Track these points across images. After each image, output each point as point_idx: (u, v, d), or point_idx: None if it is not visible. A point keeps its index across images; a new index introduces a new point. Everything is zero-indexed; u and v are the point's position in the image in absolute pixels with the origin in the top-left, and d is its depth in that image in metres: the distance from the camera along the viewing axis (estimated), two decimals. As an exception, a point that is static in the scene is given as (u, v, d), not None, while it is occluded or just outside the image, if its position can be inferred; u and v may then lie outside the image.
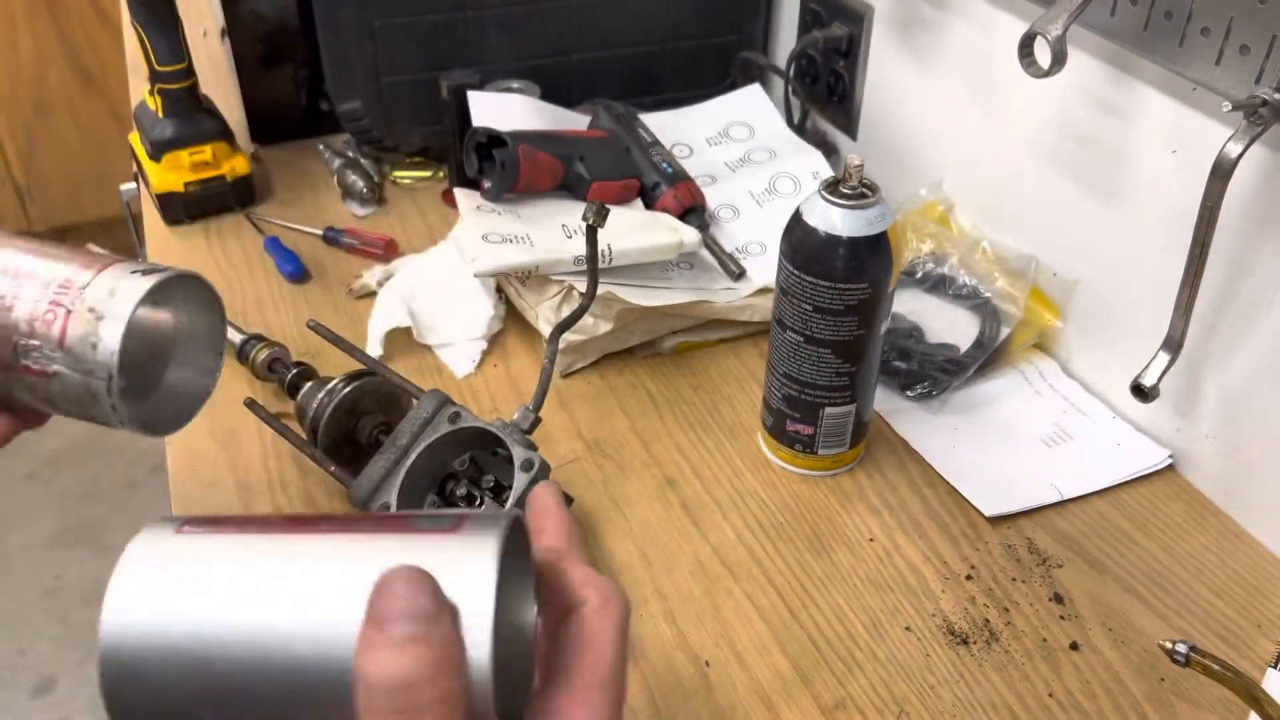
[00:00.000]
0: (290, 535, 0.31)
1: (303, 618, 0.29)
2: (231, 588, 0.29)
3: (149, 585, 0.30)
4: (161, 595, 0.30)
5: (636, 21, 1.03)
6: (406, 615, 0.28)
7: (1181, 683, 0.59)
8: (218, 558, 0.30)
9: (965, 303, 0.83)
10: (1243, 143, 0.57)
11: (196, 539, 0.31)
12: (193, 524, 0.31)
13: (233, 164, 0.96)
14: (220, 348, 0.55)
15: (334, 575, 0.29)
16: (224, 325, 0.55)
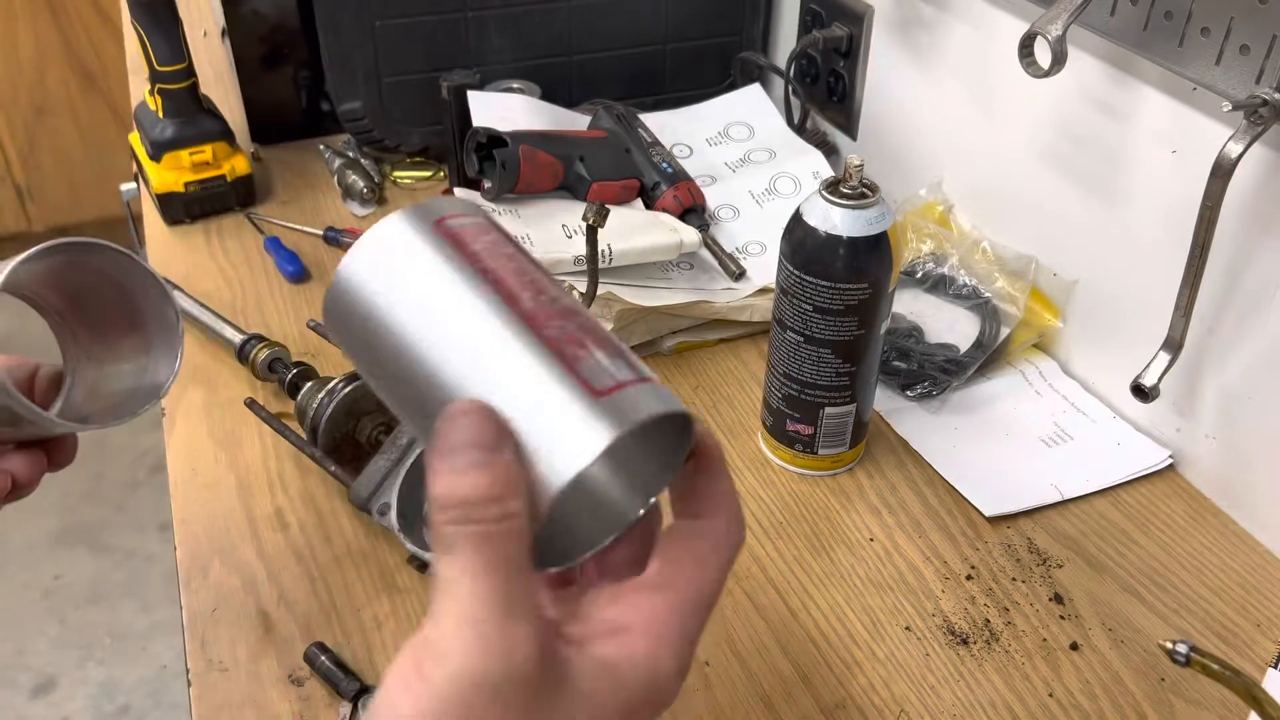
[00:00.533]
0: (493, 304, 0.33)
1: (442, 364, 0.33)
2: (422, 305, 0.34)
3: (383, 256, 0.35)
4: (384, 269, 0.35)
5: (637, 22, 1.03)
6: (468, 444, 0.31)
7: (1181, 683, 0.59)
8: (434, 276, 0.34)
9: (965, 303, 0.83)
10: (1243, 143, 0.58)
11: (439, 247, 0.35)
12: (446, 230, 0.35)
13: (233, 164, 0.96)
14: (169, 326, 0.53)
15: (478, 356, 0.33)
16: (168, 304, 0.53)
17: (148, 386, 0.54)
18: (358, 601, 0.62)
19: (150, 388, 0.54)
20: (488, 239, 0.35)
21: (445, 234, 0.35)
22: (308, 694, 0.57)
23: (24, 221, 2.38)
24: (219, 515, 0.68)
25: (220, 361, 0.80)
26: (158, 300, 0.53)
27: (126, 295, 0.53)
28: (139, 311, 0.54)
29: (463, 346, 0.33)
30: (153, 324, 0.54)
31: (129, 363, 0.55)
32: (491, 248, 0.35)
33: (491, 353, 0.32)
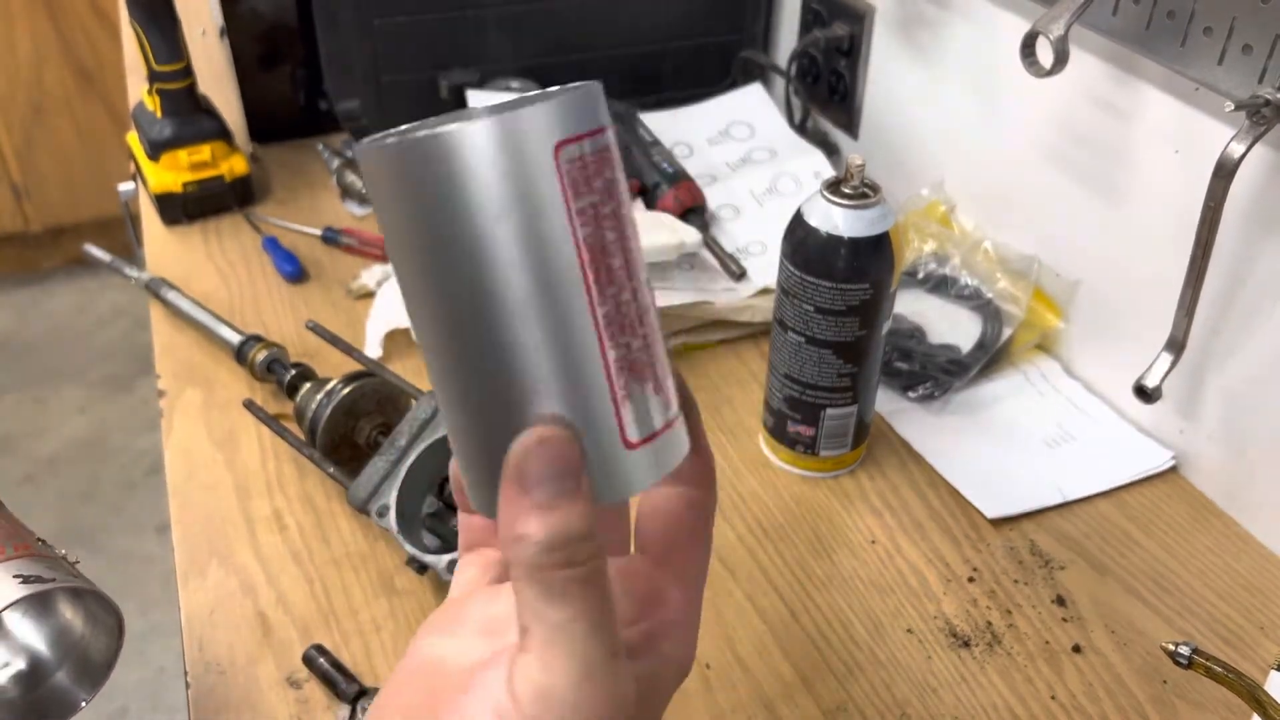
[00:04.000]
0: (578, 297, 0.29)
1: (501, 332, 0.28)
2: (506, 252, 0.28)
3: (488, 162, 0.27)
4: (477, 181, 0.27)
5: (637, 21, 1.03)
6: (555, 475, 0.29)
7: (1184, 685, 0.58)
8: (525, 229, 0.28)
9: (967, 303, 0.83)
10: (1245, 143, 0.57)
11: (547, 185, 0.28)
12: (563, 167, 0.28)
13: (231, 164, 0.96)
14: (108, 668, 0.53)
15: (542, 352, 0.29)
16: (118, 646, 0.53)
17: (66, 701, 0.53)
18: (356, 603, 0.62)
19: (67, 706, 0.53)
20: (601, 182, 0.29)
21: (562, 172, 0.28)
22: (306, 696, 0.57)
23: (21, 222, 2.38)
24: (217, 517, 0.68)
25: (218, 362, 0.80)
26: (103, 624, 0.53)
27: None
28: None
29: (531, 331, 0.28)
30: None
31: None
32: (599, 202, 0.29)
33: (554, 356, 0.29)
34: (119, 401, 2.16)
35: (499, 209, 0.27)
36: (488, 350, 0.29)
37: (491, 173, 0.27)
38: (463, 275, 0.28)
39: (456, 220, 0.27)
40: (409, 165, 0.27)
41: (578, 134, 0.28)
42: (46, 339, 2.33)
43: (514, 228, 0.28)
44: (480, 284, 0.28)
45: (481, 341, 0.29)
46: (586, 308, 0.29)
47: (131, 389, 2.19)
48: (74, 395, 2.17)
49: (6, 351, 2.29)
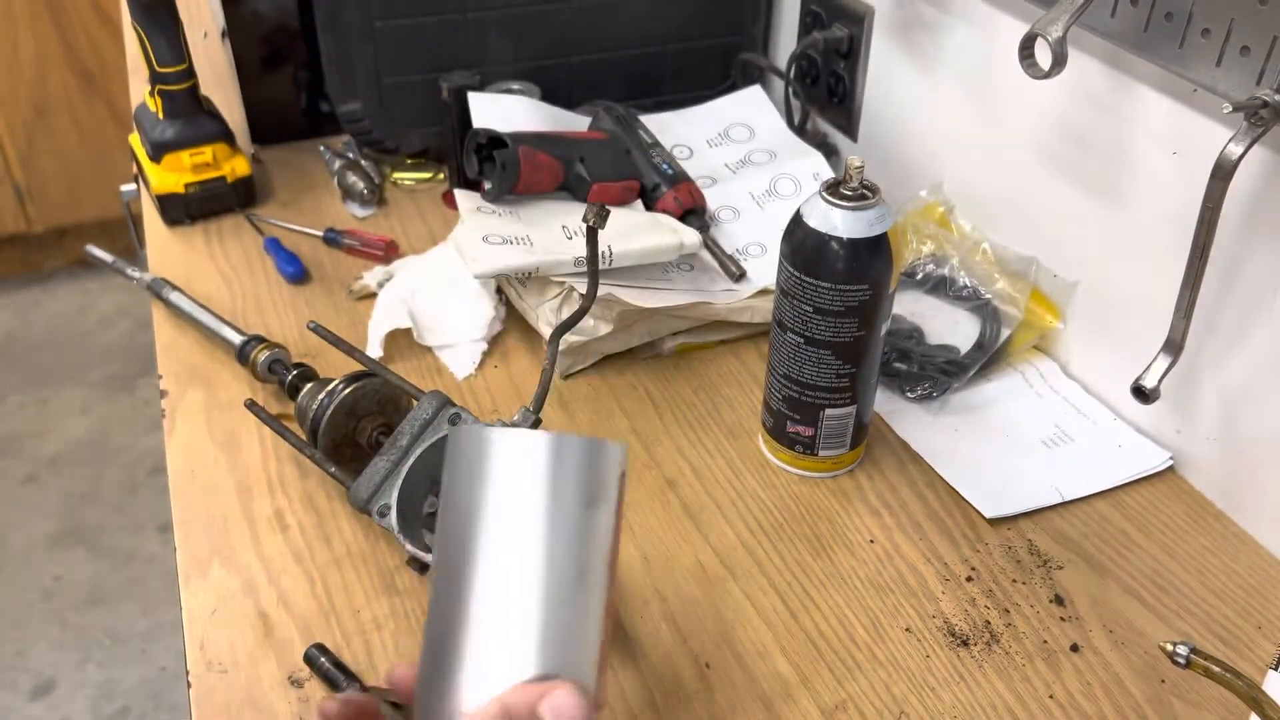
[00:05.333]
0: (603, 585, 0.40)
1: (544, 594, 0.37)
2: (577, 532, 0.39)
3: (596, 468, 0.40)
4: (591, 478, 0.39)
5: (637, 23, 1.03)
6: (560, 716, 0.35)
7: (1182, 684, 0.59)
8: (597, 525, 0.39)
9: (966, 304, 0.83)
10: (1243, 144, 0.57)
11: (612, 497, 0.40)
12: (619, 488, 0.40)
13: (233, 165, 0.96)
14: None
15: (573, 619, 0.38)
16: None
17: None
18: (357, 603, 0.62)
19: None
20: (619, 505, 0.40)
21: (621, 489, 0.40)
22: (307, 695, 0.57)
23: (23, 223, 2.38)
24: (219, 516, 0.68)
25: (220, 363, 0.80)
26: None
27: None
28: None
29: (582, 607, 0.37)
30: None
31: None
32: (619, 518, 0.40)
33: (590, 626, 0.37)
34: (121, 402, 2.16)
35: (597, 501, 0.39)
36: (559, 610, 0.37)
37: (604, 481, 0.39)
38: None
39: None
40: (560, 456, 0.38)
41: (624, 469, 0.41)
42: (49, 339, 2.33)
43: (602, 522, 0.38)
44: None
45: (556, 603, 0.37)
46: (605, 585, 0.39)
47: (133, 389, 2.19)
48: (76, 396, 2.17)
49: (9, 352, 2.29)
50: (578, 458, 0.38)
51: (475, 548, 0.37)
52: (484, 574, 0.37)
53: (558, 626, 0.37)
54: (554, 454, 0.38)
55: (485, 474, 0.38)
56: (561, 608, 0.37)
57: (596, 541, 0.38)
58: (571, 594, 0.37)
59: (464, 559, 0.37)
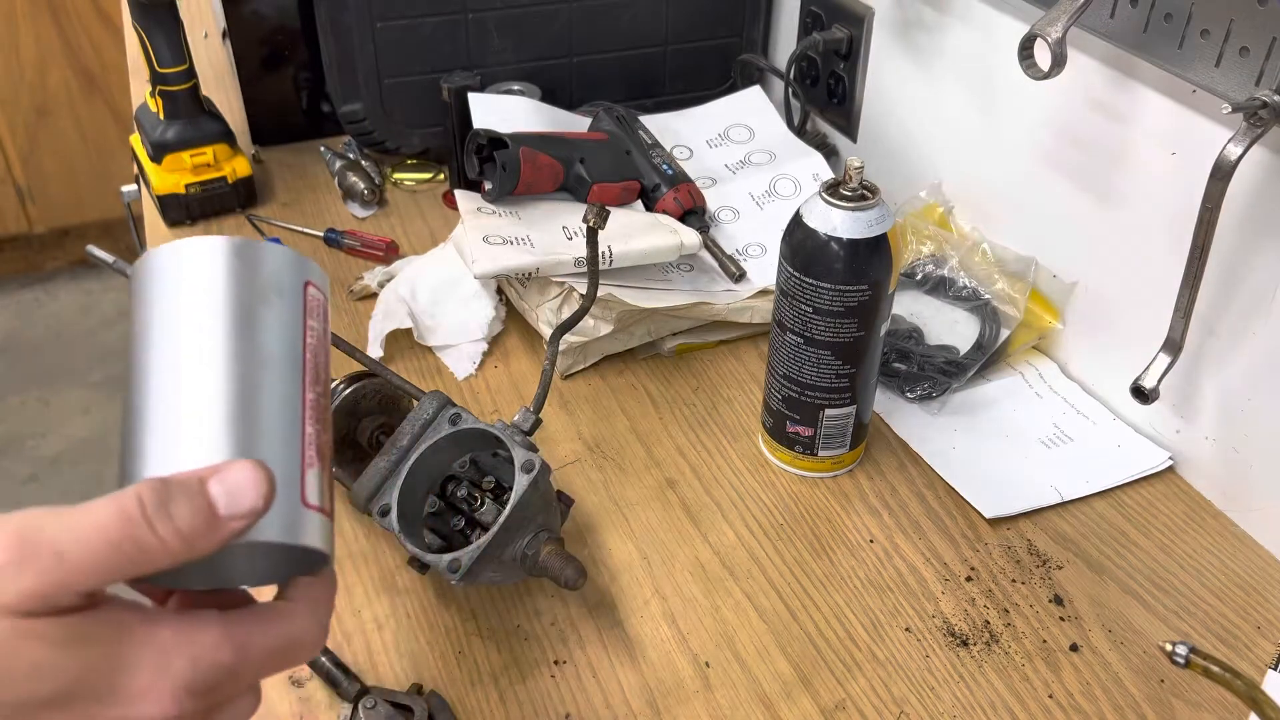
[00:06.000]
0: (297, 379, 0.39)
1: (232, 389, 0.37)
2: (252, 337, 0.38)
3: (262, 273, 0.39)
4: (255, 285, 0.38)
5: (637, 24, 1.03)
6: (229, 490, 0.34)
7: (1181, 684, 0.59)
8: (277, 324, 0.39)
9: (965, 304, 0.83)
10: (1242, 145, 0.58)
11: (295, 301, 0.39)
12: (309, 293, 0.40)
13: (234, 165, 0.97)
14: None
15: (260, 412, 0.37)
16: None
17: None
18: (358, 603, 0.62)
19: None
20: (327, 325, 0.41)
21: (309, 296, 0.40)
22: (308, 695, 0.57)
23: (25, 223, 2.38)
24: (219, 516, 0.68)
25: (221, 363, 0.80)
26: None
27: None
28: None
29: (260, 396, 0.37)
30: None
31: None
32: (326, 332, 0.41)
33: (271, 415, 0.37)
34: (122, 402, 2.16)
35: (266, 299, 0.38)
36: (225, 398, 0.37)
37: (274, 278, 0.39)
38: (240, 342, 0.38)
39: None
40: (228, 256, 0.38)
41: (315, 283, 0.41)
42: (50, 340, 2.34)
43: (274, 317, 0.38)
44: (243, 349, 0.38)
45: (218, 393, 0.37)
46: (298, 384, 0.38)
47: (134, 390, 2.19)
48: (77, 396, 2.17)
49: (10, 352, 2.29)
50: (228, 258, 0.38)
51: (145, 356, 0.37)
52: (154, 377, 0.37)
53: (232, 419, 0.36)
54: (201, 257, 0.38)
55: (142, 284, 0.38)
56: (232, 402, 0.36)
57: (268, 340, 0.38)
58: (242, 387, 0.36)
59: (136, 369, 0.37)
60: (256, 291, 0.38)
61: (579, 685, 0.58)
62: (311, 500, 0.38)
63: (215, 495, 0.33)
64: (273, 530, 0.35)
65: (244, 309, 0.37)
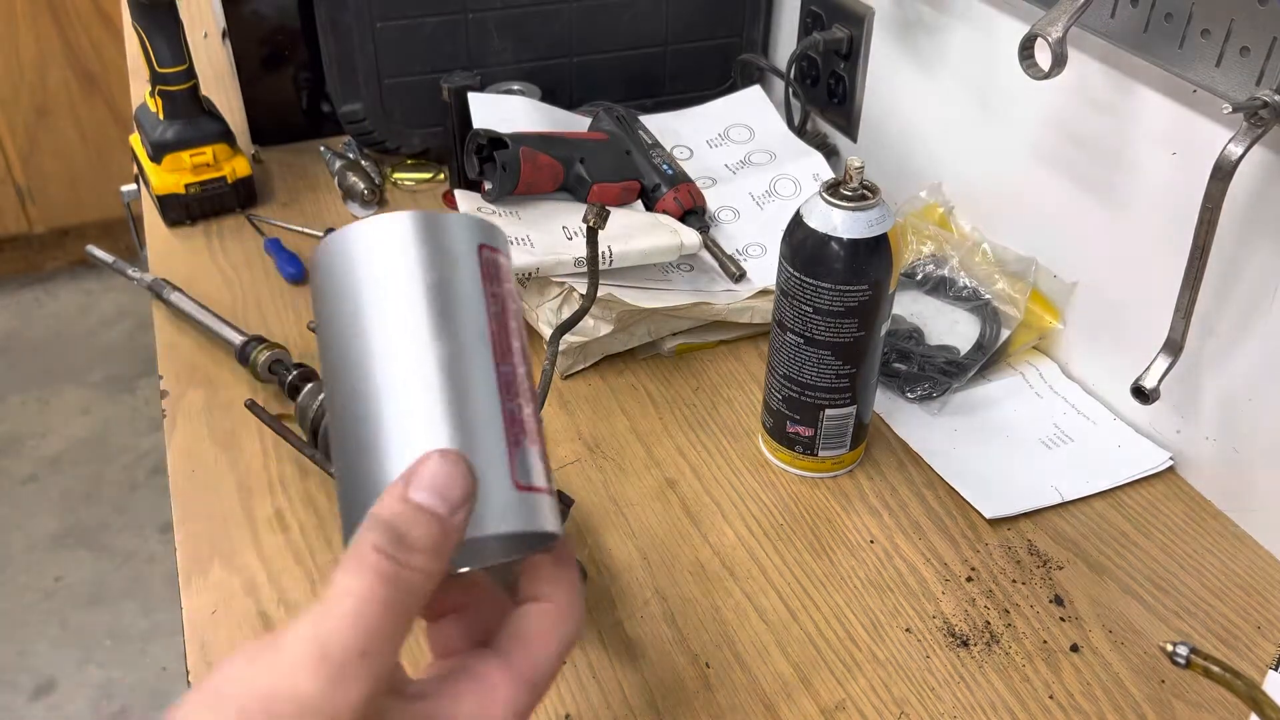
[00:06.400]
0: (488, 355, 0.36)
1: (420, 376, 0.35)
2: (438, 310, 0.35)
3: (434, 245, 0.36)
4: (429, 257, 0.36)
5: (637, 24, 1.03)
6: (440, 491, 0.32)
7: (1182, 685, 0.59)
8: (461, 295, 0.36)
9: (965, 305, 0.83)
10: (1243, 145, 0.58)
11: (473, 269, 0.36)
12: (487, 257, 0.37)
13: (233, 165, 0.96)
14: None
15: (457, 395, 0.35)
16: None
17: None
18: (358, 603, 0.62)
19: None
20: (509, 284, 0.38)
21: (485, 260, 0.37)
22: (308, 695, 0.57)
23: (24, 223, 2.38)
24: (219, 517, 0.68)
25: (220, 363, 0.80)
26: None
27: None
28: None
29: (448, 377, 0.35)
30: None
31: None
32: (509, 294, 0.37)
33: (468, 399, 0.35)
34: (122, 402, 2.16)
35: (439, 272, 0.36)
36: (408, 389, 0.35)
37: (437, 249, 0.36)
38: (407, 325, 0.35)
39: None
40: (416, 232, 0.36)
41: (497, 245, 0.38)
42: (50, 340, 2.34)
43: (447, 288, 0.36)
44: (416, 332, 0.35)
45: (405, 381, 0.35)
46: (490, 362, 0.35)
47: (134, 389, 2.19)
48: (77, 396, 2.17)
49: (10, 352, 2.29)
50: (416, 234, 0.36)
51: (350, 348, 0.35)
52: (366, 372, 0.35)
53: (445, 415, 0.34)
54: (372, 237, 0.36)
55: (331, 270, 0.36)
56: (440, 395, 0.34)
57: (455, 320, 0.35)
58: (444, 378, 0.34)
59: (343, 363, 0.36)
60: (444, 267, 0.36)
61: (579, 685, 0.58)
62: (523, 480, 0.35)
63: (427, 502, 0.32)
64: (491, 522, 0.34)
65: (436, 289, 0.35)
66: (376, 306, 0.35)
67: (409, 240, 0.36)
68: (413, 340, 0.35)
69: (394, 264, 0.35)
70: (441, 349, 0.35)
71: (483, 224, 0.38)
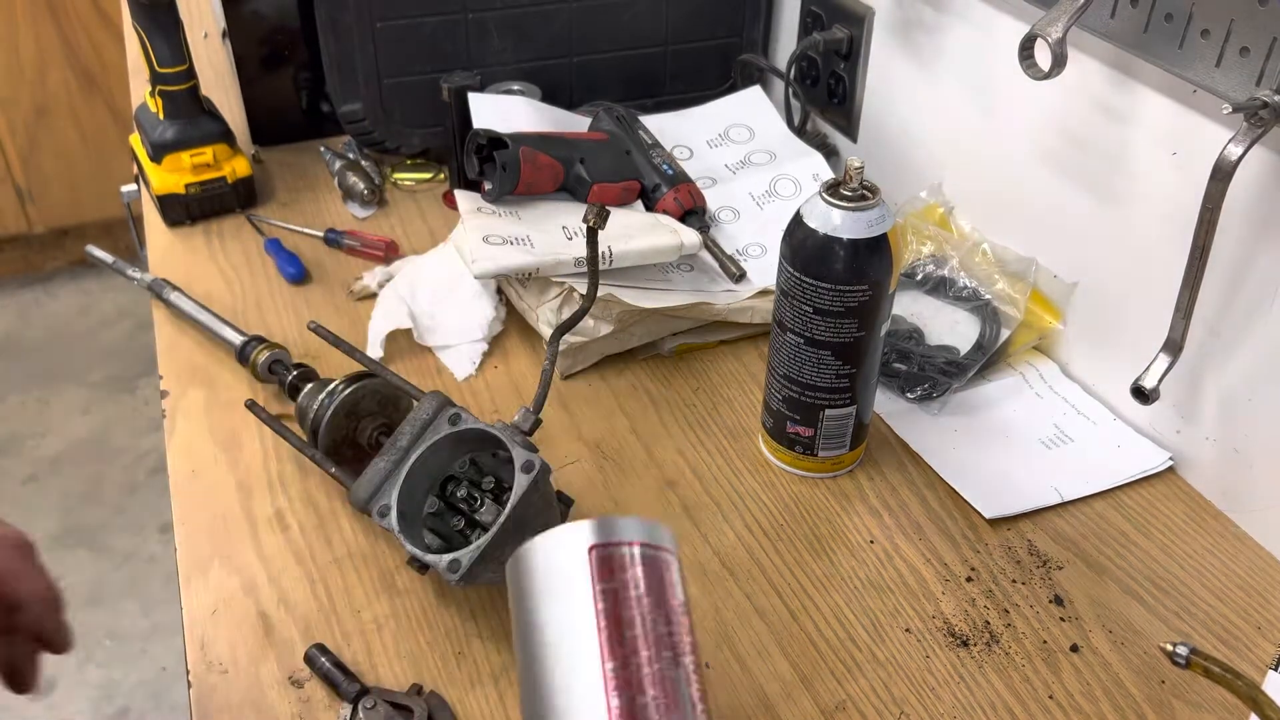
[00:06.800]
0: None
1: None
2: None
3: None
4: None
5: (637, 24, 1.03)
6: None
7: (1181, 685, 0.59)
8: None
9: (965, 305, 0.83)
10: (1243, 145, 0.58)
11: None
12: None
13: (233, 165, 0.96)
14: None
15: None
16: None
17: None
18: (358, 603, 0.62)
19: None
20: (621, 575, 0.41)
21: (593, 562, 0.40)
22: (308, 695, 0.57)
23: (24, 223, 2.38)
24: (219, 516, 0.68)
25: (221, 363, 0.80)
26: None
27: None
28: None
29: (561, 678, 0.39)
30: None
31: None
32: (617, 586, 0.40)
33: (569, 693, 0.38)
34: (122, 402, 2.16)
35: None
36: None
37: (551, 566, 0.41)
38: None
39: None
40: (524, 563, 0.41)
41: (613, 540, 0.41)
42: (50, 340, 2.33)
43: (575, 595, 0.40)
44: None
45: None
46: (597, 658, 0.38)
47: (134, 390, 2.19)
48: (77, 396, 2.17)
49: (10, 352, 2.29)
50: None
51: (531, 658, 0.40)
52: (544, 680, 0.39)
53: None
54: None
55: (525, 584, 0.41)
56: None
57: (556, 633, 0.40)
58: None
59: (527, 670, 0.40)
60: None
61: (579, 686, 0.58)
62: None
63: None
64: None
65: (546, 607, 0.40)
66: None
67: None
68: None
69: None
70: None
71: (599, 525, 0.41)
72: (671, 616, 0.40)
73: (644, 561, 0.41)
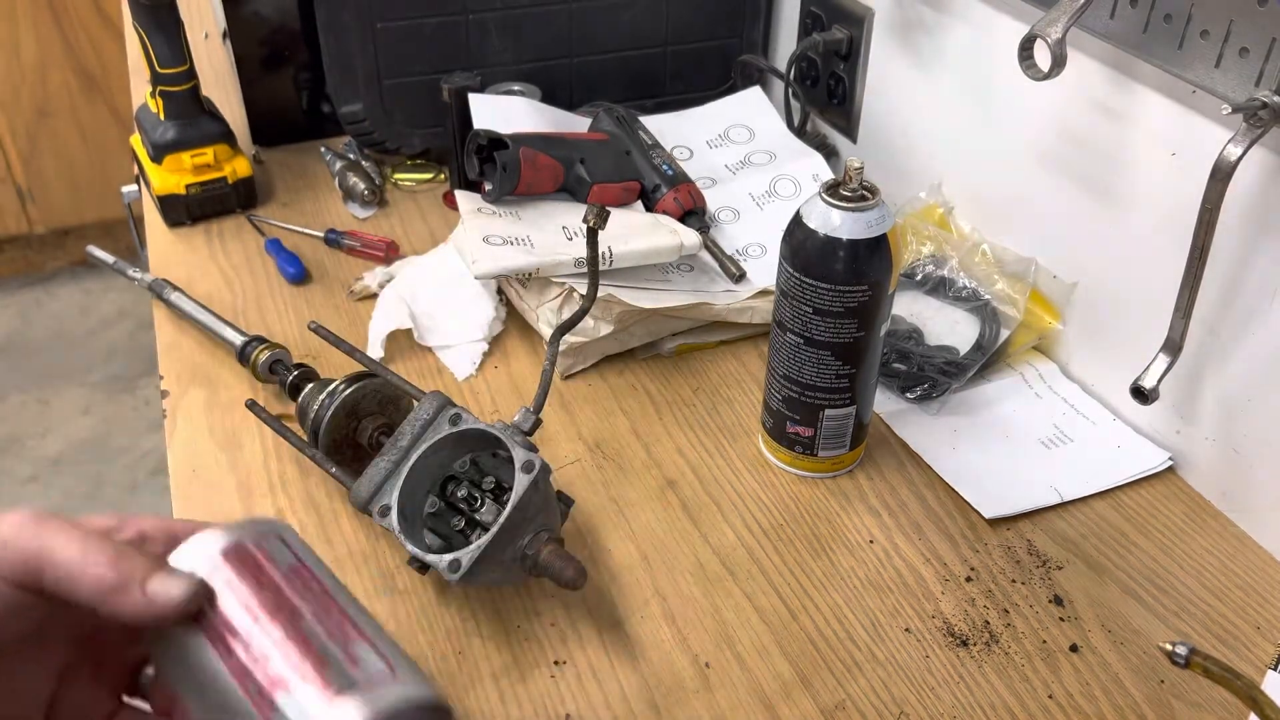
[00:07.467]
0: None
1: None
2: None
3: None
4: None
5: (637, 24, 1.03)
6: None
7: (1181, 685, 0.59)
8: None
9: (965, 305, 0.83)
10: (1242, 145, 0.58)
11: (234, 584, 0.42)
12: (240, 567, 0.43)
13: (234, 166, 0.97)
14: None
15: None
16: None
17: None
18: (358, 603, 0.62)
19: None
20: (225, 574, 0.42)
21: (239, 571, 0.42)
22: (308, 695, 0.57)
23: (25, 224, 2.38)
24: (220, 516, 0.68)
25: (221, 363, 0.80)
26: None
27: None
28: None
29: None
30: None
31: None
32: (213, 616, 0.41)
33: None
34: (122, 402, 2.16)
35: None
36: None
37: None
38: None
39: None
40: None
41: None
42: (50, 340, 2.34)
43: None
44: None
45: None
46: (229, 672, 0.40)
47: (135, 390, 2.19)
48: (77, 396, 2.17)
49: (10, 353, 2.29)
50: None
51: None
52: None
53: None
54: None
55: None
56: None
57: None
58: None
59: None
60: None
61: (579, 685, 0.58)
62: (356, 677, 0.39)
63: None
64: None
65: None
66: None
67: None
68: None
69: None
70: None
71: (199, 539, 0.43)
72: (282, 589, 0.43)
73: (230, 563, 0.42)
